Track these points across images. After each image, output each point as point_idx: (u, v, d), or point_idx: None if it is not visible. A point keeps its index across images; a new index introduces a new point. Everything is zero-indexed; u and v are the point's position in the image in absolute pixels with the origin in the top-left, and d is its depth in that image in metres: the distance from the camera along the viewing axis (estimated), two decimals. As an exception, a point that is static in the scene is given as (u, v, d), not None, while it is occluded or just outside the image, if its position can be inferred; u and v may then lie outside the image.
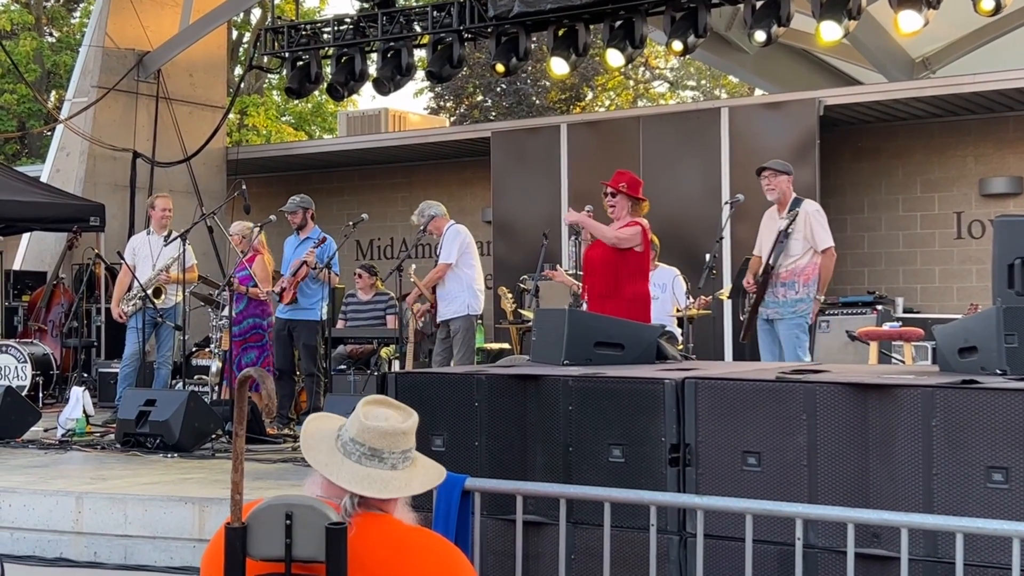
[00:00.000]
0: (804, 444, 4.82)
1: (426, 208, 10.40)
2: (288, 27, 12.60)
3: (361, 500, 2.83)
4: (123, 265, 11.27)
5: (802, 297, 8.47)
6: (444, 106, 29.76)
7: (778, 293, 8.52)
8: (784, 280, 8.51)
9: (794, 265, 8.50)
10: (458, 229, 10.50)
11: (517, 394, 5.59)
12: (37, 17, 28.97)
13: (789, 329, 8.47)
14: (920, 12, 9.42)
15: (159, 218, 11.39)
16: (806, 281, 8.48)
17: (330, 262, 10.39)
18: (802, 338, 8.51)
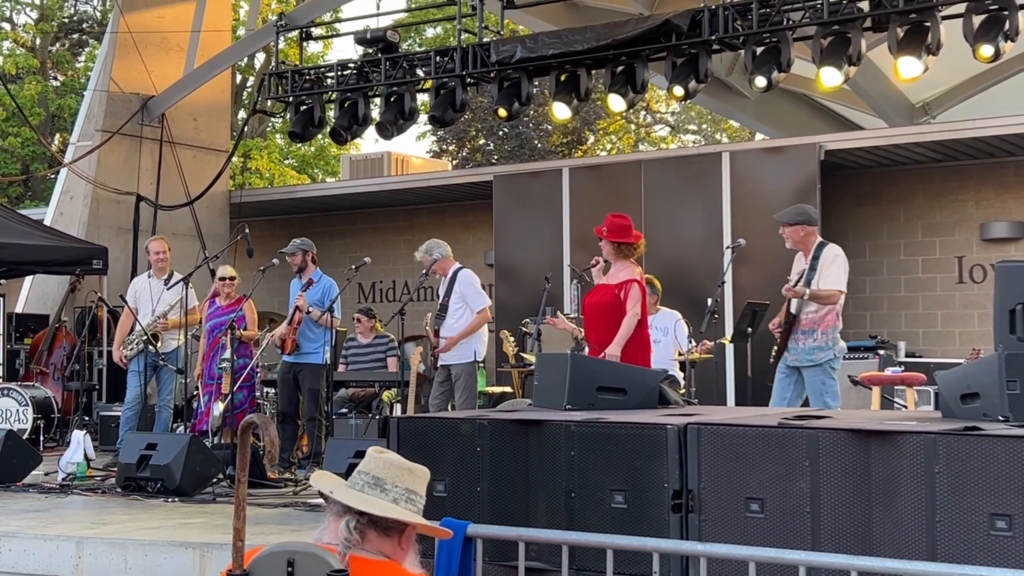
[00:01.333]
0: (807, 491, 4.80)
1: (434, 247, 10.36)
2: (292, 72, 12.67)
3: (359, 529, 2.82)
4: (125, 308, 11.30)
5: (820, 345, 8.45)
6: (447, 150, 29.86)
7: (799, 341, 8.52)
8: (804, 328, 8.52)
9: (815, 314, 8.50)
10: (473, 274, 10.45)
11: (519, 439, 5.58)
12: (42, 61, 29.14)
13: (813, 377, 8.45)
14: (920, 58, 9.47)
15: (155, 261, 11.45)
16: (825, 329, 8.48)
17: (332, 306, 10.40)
18: (828, 383, 8.46)
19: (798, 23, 9.93)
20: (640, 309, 8.19)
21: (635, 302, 8.15)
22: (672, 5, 14.03)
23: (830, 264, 8.58)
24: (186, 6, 16.45)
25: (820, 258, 8.61)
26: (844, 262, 8.67)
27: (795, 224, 8.71)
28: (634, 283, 8.20)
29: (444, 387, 10.27)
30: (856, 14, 9.72)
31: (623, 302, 8.17)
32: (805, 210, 8.94)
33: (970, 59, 9.68)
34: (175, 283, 11.15)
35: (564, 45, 10.83)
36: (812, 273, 8.59)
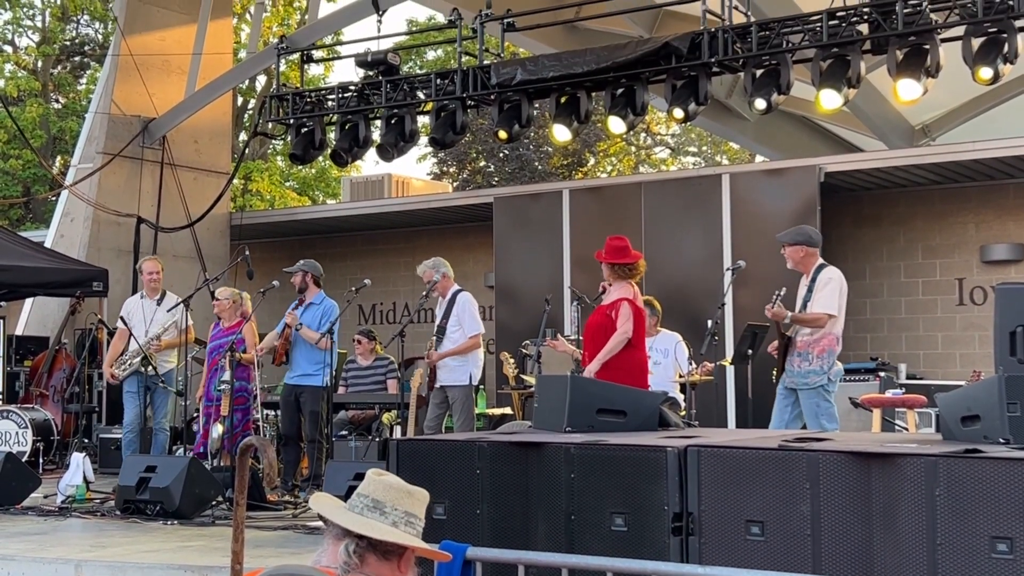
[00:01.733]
0: (807, 513, 4.79)
1: (440, 265, 10.42)
2: (293, 94, 12.68)
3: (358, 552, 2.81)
4: (119, 328, 11.32)
5: (815, 369, 8.47)
6: (447, 172, 29.90)
7: (794, 363, 8.55)
8: (799, 350, 8.55)
9: (809, 337, 8.52)
10: (472, 299, 10.52)
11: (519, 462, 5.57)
12: (44, 84, 29.22)
13: (809, 399, 8.47)
14: (919, 80, 9.47)
15: (148, 281, 11.49)
16: (820, 352, 8.49)
17: (332, 327, 10.39)
18: (824, 406, 8.47)
19: (797, 46, 9.95)
20: (630, 327, 8.16)
21: (624, 320, 8.15)
22: (672, 28, 14.08)
23: (823, 287, 8.61)
24: (187, 29, 16.50)
25: (816, 280, 8.64)
26: (839, 285, 8.66)
27: (795, 244, 8.74)
28: (624, 302, 8.21)
29: (440, 409, 10.30)
30: (855, 37, 9.73)
31: (614, 321, 8.18)
32: (806, 231, 8.96)
33: (969, 81, 9.69)
34: (175, 305, 11.18)
35: (564, 67, 10.84)
36: (809, 295, 8.62)
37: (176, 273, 15.87)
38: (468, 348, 10.25)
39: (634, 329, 8.24)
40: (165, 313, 11.26)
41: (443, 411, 10.30)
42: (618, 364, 8.13)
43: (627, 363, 8.17)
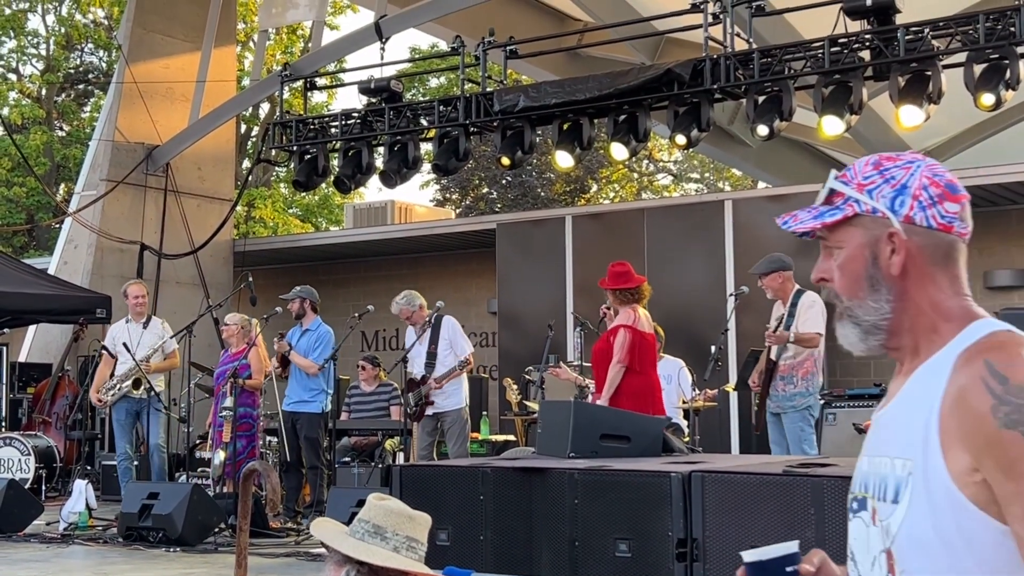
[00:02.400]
0: (812, 539, 4.77)
1: (414, 298, 10.52)
2: (296, 121, 12.73)
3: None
4: (104, 354, 11.33)
5: (800, 391, 8.56)
6: (450, 198, 29.96)
7: (779, 387, 8.64)
8: (783, 374, 8.64)
9: (793, 360, 8.63)
10: (456, 321, 10.58)
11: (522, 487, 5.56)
12: (48, 111, 29.32)
13: (793, 423, 8.54)
14: (921, 107, 9.50)
15: (132, 305, 11.52)
16: (804, 375, 8.58)
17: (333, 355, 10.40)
18: (807, 431, 8.54)
19: (799, 72, 9.99)
20: (624, 355, 8.21)
21: (619, 348, 8.21)
22: (674, 55, 14.12)
23: (807, 309, 8.71)
24: (191, 56, 16.56)
25: (798, 304, 8.75)
26: (821, 308, 8.79)
27: (771, 272, 8.85)
28: (622, 328, 8.27)
29: (432, 437, 10.34)
30: (857, 63, 9.77)
31: (612, 348, 8.27)
32: (778, 257, 9.05)
33: (971, 108, 9.72)
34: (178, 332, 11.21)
35: (567, 94, 10.88)
36: (791, 319, 8.70)
37: (179, 300, 15.88)
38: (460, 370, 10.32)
39: (637, 353, 8.26)
40: (152, 337, 11.28)
41: (435, 438, 10.35)
42: (624, 391, 8.17)
43: (632, 388, 8.20)
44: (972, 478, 1.74)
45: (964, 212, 1.94)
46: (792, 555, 1.96)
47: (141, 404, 11.03)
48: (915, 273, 1.91)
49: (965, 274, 1.94)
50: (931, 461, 1.78)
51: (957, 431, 1.75)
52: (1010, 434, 1.70)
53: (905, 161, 1.97)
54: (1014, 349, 1.80)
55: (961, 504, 1.75)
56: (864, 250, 1.94)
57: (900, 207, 1.91)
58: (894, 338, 1.96)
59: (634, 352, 8.27)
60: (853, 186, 1.96)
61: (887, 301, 1.93)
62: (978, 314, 1.90)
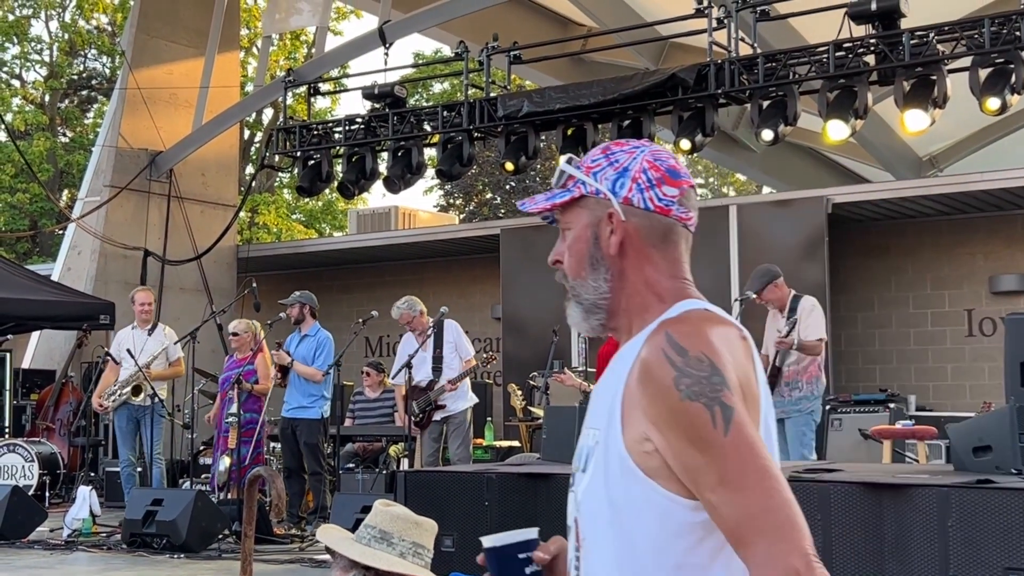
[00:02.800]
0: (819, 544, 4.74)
1: (415, 304, 10.50)
2: (300, 127, 12.73)
3: None
4: (109, 360, 11.34)
5: (806, 395, 8.57)
6: (454, 203, 29.96)
7: (783, 393, 8.63)
8: (788, 380, 8.65)
9: (797, 366, 8.64)
10: (457, 324, 10.59)
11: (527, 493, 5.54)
12: (51, 117, 29.35)
13: (795, 427, 8.54)
14: (926, 111, 9.48)
15: (139, 312, 11.53)
16: (809, 379, 8.61)
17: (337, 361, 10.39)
18: (808, 436, 8.55)
19: (804, 77, 9.97)
20: None
21: None
22: (678, 60, 14.10)
23: (808, 315, 8.73)
24: (195, 62, 16.56)
25: (798, 310, 8.75)
26: (821, 312, 8.89)
27: (766, 286, 8.85)
28: None
29: (437, 443, 10.33)
30: (862, 68, 9.75)
31: None
32: (765, 269, 9.06)
33: (977, 112, 9.70)
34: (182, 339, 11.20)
35: (571, 99, 10.87)
36: (790, 326, 8.71)
37: (183, 306, 15.87)
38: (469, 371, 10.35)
39: None
40: (156, 344, 11.29)
41: (440, 444, 10.34)
42: None
43: None
44: (643, 447, 1.76)
45: (684, 197, 1.96)
46: (530, 541, 2.03)
47: (142, 411, 11.03)
48: (632, 253, 1.94)
49: (686, 258, 1.97)
50: (612, 430, 1.82)
51: (639, 401, 1.78)
52: (693, 405, 1.72)
53: (631, 146, 1.99)
54: (698, 323, 1.82)
55: (631, 471, 1.78)
56: (588, 230, 1.97)
57: (620, 189, 1.94)
58: (613, 318, 1.99)
59: None
60: (582, 169, 1.98)
61: (605, 280, 1.97)
62: (690, 296, 1.93)
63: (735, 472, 1.70)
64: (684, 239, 1.97)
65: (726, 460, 1.70)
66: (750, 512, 1.69)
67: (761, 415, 1.82)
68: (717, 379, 1.73)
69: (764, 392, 1.85)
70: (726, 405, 1.72)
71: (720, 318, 1.86)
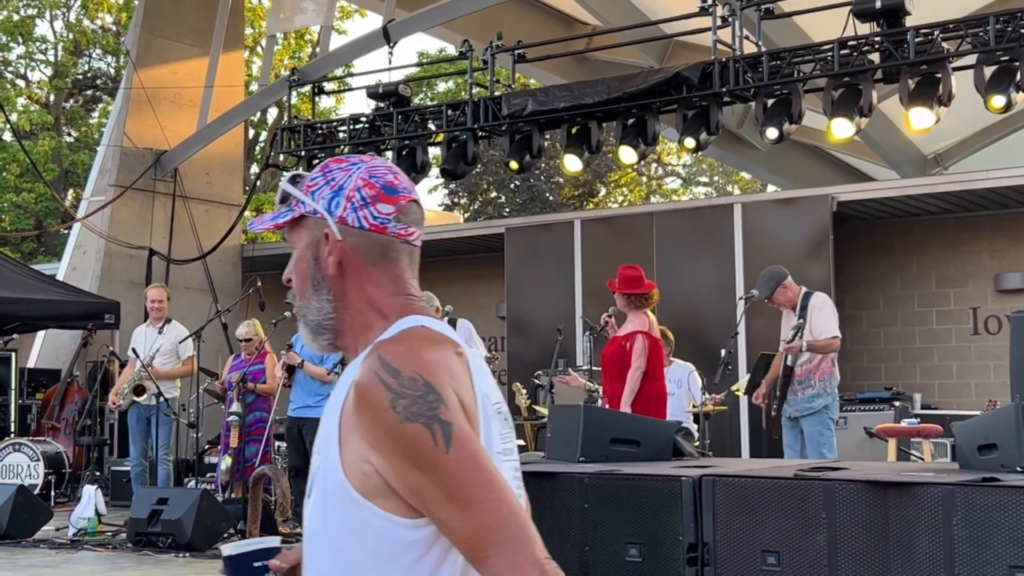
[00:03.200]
0: (824, 543, 4.75)
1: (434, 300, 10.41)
2: (304, 126, 12.73)
3: None
4: (131, 358, 11.39)
5: (818, 392, 8.53)
6: (458, 203, 29.96)
7: (796, 391, 8.61)
8: (800, 379, 8.61)
9: (809, 364, 8.61)
10: (470, 323, 10.57)
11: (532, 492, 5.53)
12: (56, 117, 29.37)
13: (812, 427, 8.51)
14: (931, 109, 9.46)
15: (151, 309, 11.57)
16: (821, 376, 8.58)
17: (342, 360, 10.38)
18: (826, 435, 8.50)
19: (809, 75, 9.95)
20: (644, 362, 8.23)
21: (638, 355, 8.22)
22: (682, 58, 14.10)
23: (818, 312, 8.67)
24: (199, 61, 16.57)
25: (808, 308, 8.70)
26: (832, 308, 8.79)
27: (775, 289, 8.81)
28: (638, 335, 8.27)
29: None
30: (867, 66, 9.73)
31: (629, 353, 8.25)
32: (771, 272, 9.02)
33: (982, 110, 9.68)
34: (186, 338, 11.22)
35: (575, 98, 10.86)
36: (802, 323, 8.66)
37: (188, 305, 15.87)
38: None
39: (651, 359, 8.28)
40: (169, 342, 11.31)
41: None
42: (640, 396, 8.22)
43: (647, 394, 8.25)
44: (362, 469, 1.77)
45: (402, 213, 2.02)
46: (269, 549, 2.05)
47: (151, 410, 11.05)
48: (352, 273, 1.97)
49: (410, 273, 2.04)
50: (330, 455, 1.84)
51: (356, 425, 1.79)
52: (412, 426, 1.73)
53: (349, 163, 2.00)
54: (411, 342, 1.84)
55: (348, 495, 1.78)
56: (308, 251, 2.00)
57: (335, 208, 1.96)
58: (340, 338, 2.01)
59: (651, 359, 8.31)
60: (302, 188, 1.99)
61: (328, 301, 1.99)
62: (414, 311, 1.96)
63: (461, 488, 1.71)
64: (407, 255, 2.05)
65: (451, 477, 1.71)
66: (481, 527, 1.71)
67: (481, 429, 1.82)
68: (433, 397, 1.75)
69: (483, 405, 1.85)
70: (445, 422, 1.73)
71: (436, 335, 1.88)
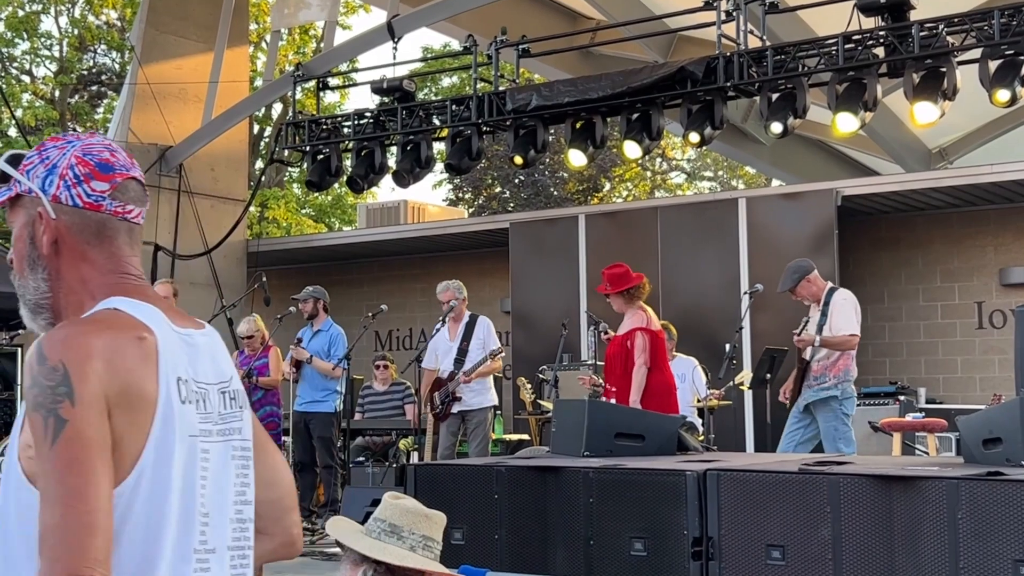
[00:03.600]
0: (829, 537, 4.75)
1: (462, 288, 10.40)
2: (309, 121, 12.73)
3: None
4: None
5: (830, 387, 8.54)
6: (463, 198, 29.96)
7: (811, 384, 8.63)
8: (816, 374, 8.63)
9: (826, 360, 8.63)
10: (491, 322, 10.53)
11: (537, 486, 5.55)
12: (61, 113, 29.39)
13: (826, 422, 8.53)
14: (936, 103, 9.45)
15: None
16: (836, 373, 8.59)
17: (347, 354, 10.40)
18: (841, 429, 8.53)
19: (813, 69, 9.95)
20: (647, 358, 8.31)
21: (640, 351, 8.31)
22: (687, 52, 14.09)
23: (839, 308, 8.68)
24: (204, 57, 16.58)
25: (831, 303, 8.71)
26: (854, 305, 8.77)
27: (799, 283, 8.81)
28: (638, 332, 8.39)
29: (455, 437, 10.28)
30: (871, 60, 9.72)
31: (631, 351, 8.34)
32: (797, 265, 9.02)
33: (987, 104, 9.67)
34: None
35: (579, 93, 10.86)
36: (824, 319, 8.67)
37: (193, 300, 15.89)
38: (496, 368, 10.29)
39: (653, 352, 8.36)
40: None
41: (457, 439, 10.29)
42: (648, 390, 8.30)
43: (654, 386, 8.33)
44: (27, 453, 1.79)
45: (118, 191, 1.98)
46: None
47: None
48: (67, 252, 1.96)
49: (129, 251, 2.02)
50: (13, 438, 1.85)
51: (24, 409, 1.81)
52: (35, 415, 1.75)
53: (64, 141, 2.00)
54: (81, 327, 1.84)
55: (19, 478, 1.80)
56: (24, 230, 1.98)
57: (49, 186, 1.95)
58: (58, 317, 1.98)
59: (653, 352, 8.39)
60: (20, 167, 1.98)
61: (44, 280, 1.97)
62: (124, 292, 1.96)
63: (50, 485, 1.73)
64: (126, 232, 2.01)
65: (49, 472, 1.73)
66: (47, 526, 1.72)
67: (158, 416, 1.82)
68: (63, 390, 1.75)
69: (170, 391, 1.86)
70: (61, 418, 1.73)
71: (119, 319, 1.88)
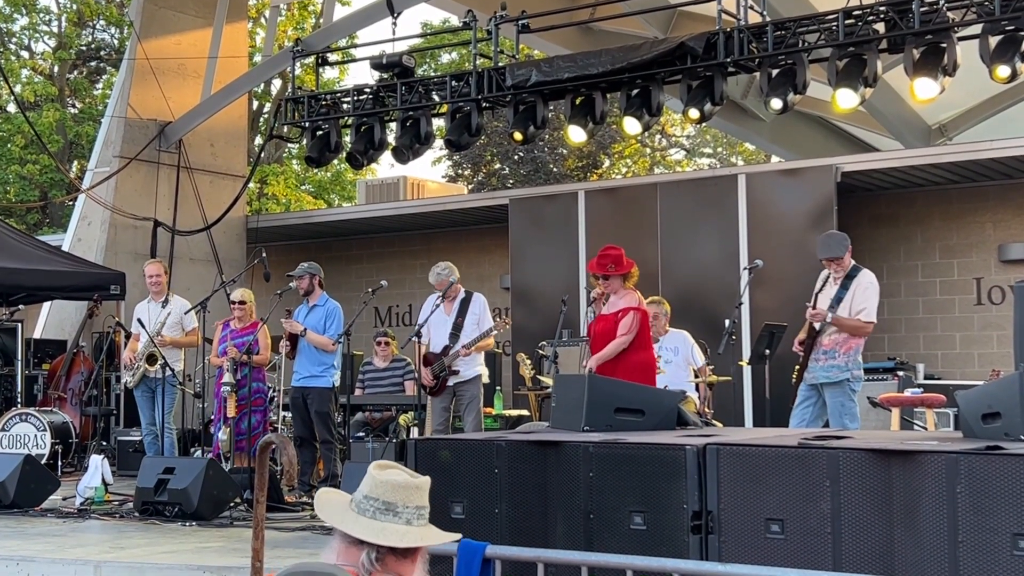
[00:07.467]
0: (828, 511, 4.78)
1: (453, 271, 10.44)
2: (308, 97, 12.70)
3: (379, 558, 2.82)
4: (134, 331, 11.49)
5: (839, 364, 8.52)
6: (462, 174, 29.93)
7: (818, 359, 8.60)
8: (826, 348, 8.59)
9: (838, 335, 8.57)
10: (485, 299, 10.58)
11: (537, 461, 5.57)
12: (60, 88, 29.32)
13: (833, 399, 8.53)
14: (936, 79, 9.43)
15: (150, 284, 11.65)
16: (847, 351, 8.55)
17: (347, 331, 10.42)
18: (848, 405, 8.52)
19: (813, 45, 9.93)
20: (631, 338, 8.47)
21: (625, 327, 8.45)
22: (687, 28, 14.06)
23: (863, 290, 8.62)
24: (203, 32, 16.54)
25: (854, 280, 8.63)
26: (876, 291, 8.74)
27: (843, 255, 8.71)
28: (632, 311, 8.50)
29: (447, 413, 10.35)
30: (871, 36, 9.70)
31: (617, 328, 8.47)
32: (842, 236, 8.96)
33: (987, 80, 9.66)
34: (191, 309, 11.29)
35: (579, 68, 10.83)
36: (843, 293, 8.60)
37: (193, 276, 15.92)
38: (487, 344, 10.36)
39: (643, 331, 8.56)
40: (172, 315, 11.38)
41: (450, 413, 10.36)
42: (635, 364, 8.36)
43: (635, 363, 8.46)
44: None
45: None
46: None
47: (157, 382, 11.10)
48: None
49: None
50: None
51: None
52: None
53: None
54: None
55: None
56: None
57: None
58: None
59: (643, 332, 8.49)
60: None
61: None
62: None
63: None
64: None
65: None
66: None
67: None
68: None
69: None
70: None
71: None
